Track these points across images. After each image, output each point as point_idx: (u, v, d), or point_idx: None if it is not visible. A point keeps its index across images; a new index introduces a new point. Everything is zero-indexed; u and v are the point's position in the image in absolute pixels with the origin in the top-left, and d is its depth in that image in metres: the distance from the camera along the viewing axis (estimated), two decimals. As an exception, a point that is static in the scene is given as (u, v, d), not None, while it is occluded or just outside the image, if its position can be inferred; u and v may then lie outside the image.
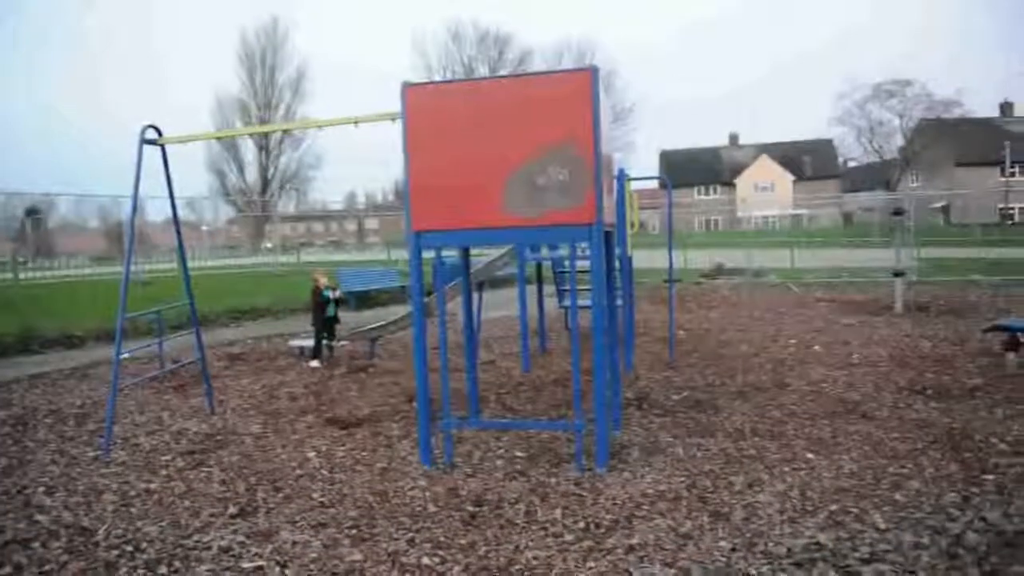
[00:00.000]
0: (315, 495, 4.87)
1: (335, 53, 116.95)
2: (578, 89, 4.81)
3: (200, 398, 7.53)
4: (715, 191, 69.41)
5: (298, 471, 5.37)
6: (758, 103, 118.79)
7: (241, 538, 4.24)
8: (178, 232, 7.05)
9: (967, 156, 54.08)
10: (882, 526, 4.08)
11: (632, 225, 8.60)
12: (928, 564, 3.62)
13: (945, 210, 52.13)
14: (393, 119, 5.36)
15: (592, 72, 4.85)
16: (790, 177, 67.52)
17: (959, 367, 8.03)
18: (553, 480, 4.94)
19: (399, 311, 11.83)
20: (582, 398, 5.32)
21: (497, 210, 4.90)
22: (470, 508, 4.52)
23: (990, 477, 4.76)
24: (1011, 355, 7.82)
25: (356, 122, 5.84)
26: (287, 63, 64.41)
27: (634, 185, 9.59)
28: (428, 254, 5.52)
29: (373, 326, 10.06)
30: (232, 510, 4.66)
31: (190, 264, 7.23)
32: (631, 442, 5.69)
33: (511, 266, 9.54)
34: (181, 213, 7.04)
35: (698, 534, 4.06)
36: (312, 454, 5.76)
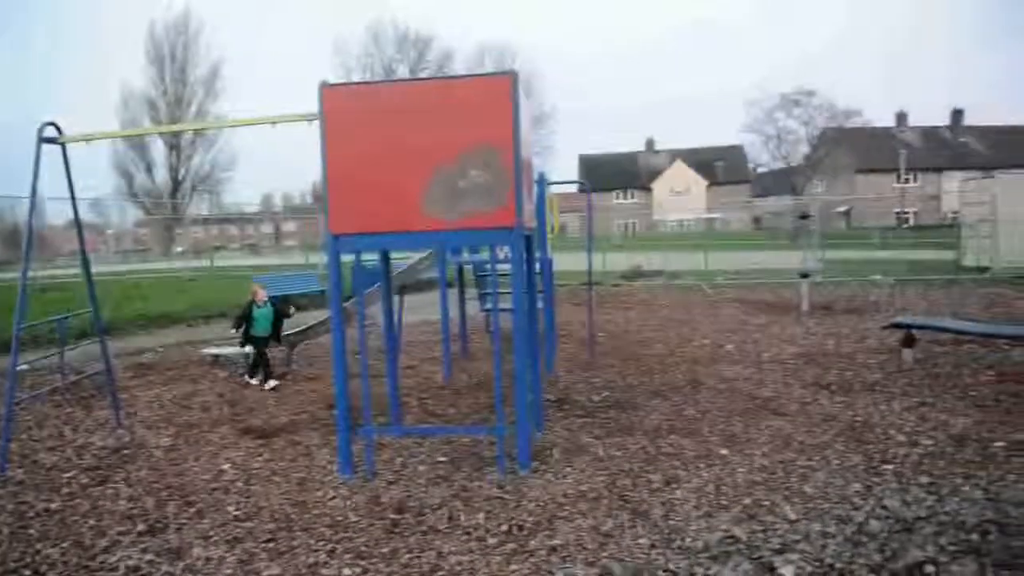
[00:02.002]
0: (230, 508, 4.71)
1: (251, 51, 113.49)
2: (498, 93, 4.83)
3: (106, 410, 7.16)
4: (632, 195, 70.96)
5: (212, 484, 5.18)
6: (680, 111, 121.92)
7: (151, 556, 4.06)
8: (80, 235, 6.70)
9: (866, 163, 57.17)
10: (792, 517, 4.25)
11: (552, 228, 8.70)
12: (835, 552, 3.80)
13: (847, 214, 54.93)
14: (310, 120, 5.25)
15: (512, 76, 4.88)
16: (704, 182, 69.71)
17: (861, 363, 8.46)
18: (476, 484, 4.94)
19: (318, 316, 11.58)
20: (504, 401, 5.34)
21: (417, 213, 4.87)
22: (392, 516, 4.47)
23: (889, 467, 5.03)
24: (907, 351, 8.30)
25: (273, 122, 5.70)
26: (200, 60, 62.10)
27: (554, 189, 9.70)
28: (347, 258, 5.43)
29: (291, 332, 9.81)
30: (140, 527, 4.46)
31: (95, 269, 6.87)
32: (553, 443, 5.75)
33: (432, 269, 9.49)
34: (85, 215, 6.68)
35: (619, 532, 4.14)
36: (227, 466, 5.57)
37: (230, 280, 20.74)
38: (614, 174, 70.02)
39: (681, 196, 67.56)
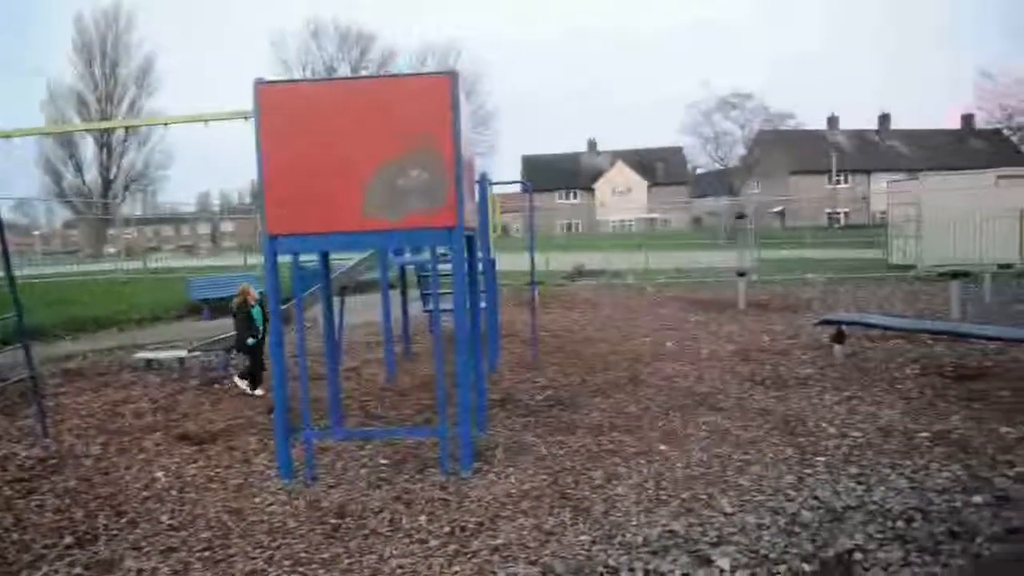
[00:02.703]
0: (163, 518, 4.58)
1: (189, 47, 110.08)
2: (438, 92, 4.82)
3: (31, 419, 6.86)
4: (575, 195, 71.55)
5: (144, 493, 5.03)
6: (626, 112, 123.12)
7: (79, 570, 3.92)
8: (2, 235, 6.40)
9: (800, 165, 58.91)
10: (729, 510, 4.35)
11: (495, 228, 8.72)
12: (769, 542, 3.91)
13: (782, 214, 56.52)
14: (246, 118, 5.15)
15: (452, 76, 4.87)
16: (644, 182, 70.76)
17: (794, 358, 8.72)
18: (418, 486, 4.91)
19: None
20: (447, 402, 5.32)
21: (356, 213, 4.81)
22: (332, 520, 4.41)
23: (821, 459, 5.20)
24: (837, 346, 8.60)
25: (206, 121, 5.58)
26: (131, 54, 59.86)
27: (497, 189, 9.72)
28: (286, 259, 5.34)
29: (228, 335, 9.58)
30: (68, 540, 4.29)
31: (22, 272, 6.58)
32: (496, 443, 5.76)
33: (374, 270, 9.39)
34: (9, 215, 6.40)
35: (560, 530, 4.17)
36: (160, 474, 5.41)
37: (165, 282, 20.12)
38: (557, 174, 70.45)
39: (623, 196, 68.42)
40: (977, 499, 4.34)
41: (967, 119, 63.88)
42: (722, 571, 3.61)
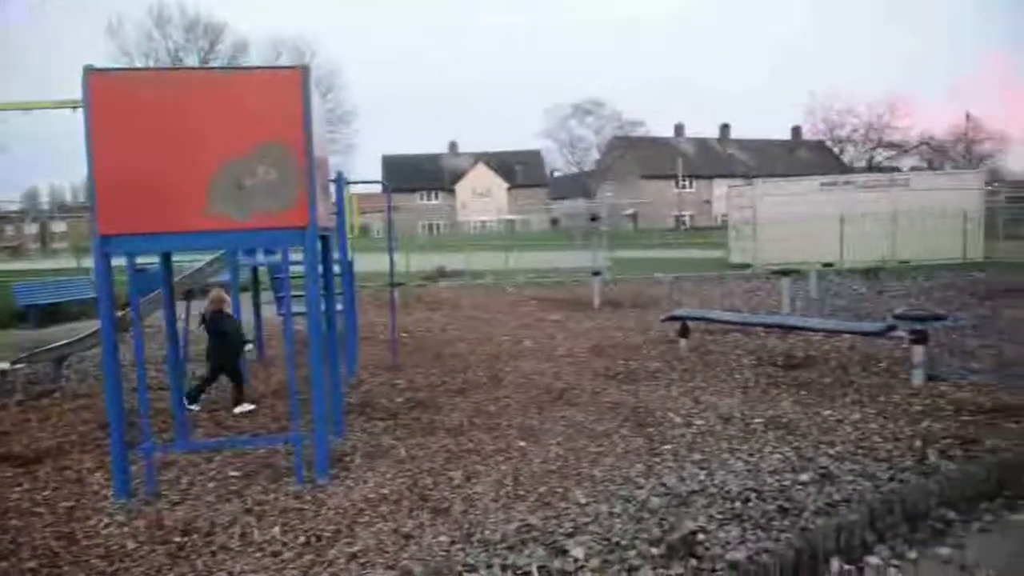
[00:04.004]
0: (-22, 549, 4.13)
1: (16, 31, 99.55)
2: (289, 87, 4.67)
3: None
4: (436, 196, 71.50)
5: (-46, 523, 4.51)
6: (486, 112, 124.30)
7: None
8: None
9: (650, 170, 61.96)
10: (583, 501, 4.50)
11: (352, 229, 8.54)
12: (620, 530, 4.08)
13: (634, 217, 59.26)
14: (74, 108, 4.75)
15: (304, 71, 4.74)
16: (504, 184, 71.85)
17: (644, 353, 9.16)
18: (271, 497, 4.72)
19: (93, 325, 10.48)
20: (301, 408, 5.15)
21: (199, 212, 4.56)
22: (177, 539, 4.15)
23: (668, 447, 5.49)
24: (683, 341, 9.12)
25: (28, 108, 5.10)
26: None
27: (357, 189, 9.54)
28: (121, 260, 4.97)
29: (58, 344, 8.79)
30: None
31: None
32: (354, 448, 5.64)
33: (223, 272, 8.93)
34: None
35: (419, 532, 4.15)
36: (-25, 500, 4.88)
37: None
38: (418, 175, 70.13)
39: (483, 198, 69.14)
40: (803, 477, 4.75)
41: (796, 131, 69.63)
42: (576, 560, 3.73)
